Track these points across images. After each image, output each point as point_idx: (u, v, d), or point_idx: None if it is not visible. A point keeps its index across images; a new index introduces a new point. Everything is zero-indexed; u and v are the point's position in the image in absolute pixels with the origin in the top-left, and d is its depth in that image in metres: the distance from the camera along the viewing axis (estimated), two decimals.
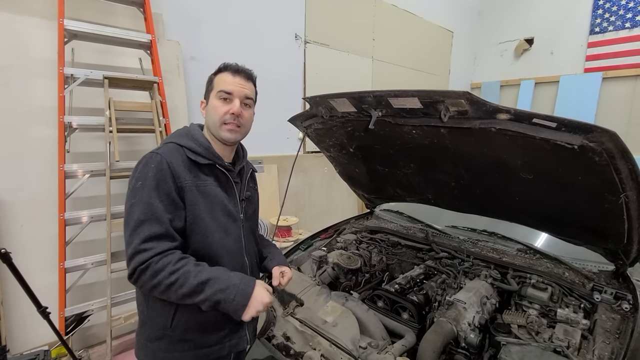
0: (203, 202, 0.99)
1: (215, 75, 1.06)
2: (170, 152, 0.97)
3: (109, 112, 2.07)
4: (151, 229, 0.88)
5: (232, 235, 1.07)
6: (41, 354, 1.71)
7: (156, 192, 0.91)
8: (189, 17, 2.83)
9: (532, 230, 1.71)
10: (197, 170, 1.00)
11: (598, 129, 0.81)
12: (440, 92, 0.94)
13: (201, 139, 1.04)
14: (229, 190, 1.08)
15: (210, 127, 1.06)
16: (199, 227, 0.98)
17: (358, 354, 1.19)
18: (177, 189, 0.94)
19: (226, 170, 1.07)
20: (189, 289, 0.87)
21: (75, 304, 2.12)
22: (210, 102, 1.05)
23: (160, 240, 0.89)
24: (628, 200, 1.06)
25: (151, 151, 0.98)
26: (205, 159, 1.02)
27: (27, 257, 2.11)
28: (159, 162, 0.94)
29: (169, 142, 1.02)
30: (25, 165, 2.15)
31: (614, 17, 4.84)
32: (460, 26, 5.95)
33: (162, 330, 0.99)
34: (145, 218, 0.89)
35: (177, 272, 0.87)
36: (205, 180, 1.01)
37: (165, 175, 0.93)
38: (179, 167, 0.96)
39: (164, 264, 0.87)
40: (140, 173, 0.94)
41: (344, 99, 1.20)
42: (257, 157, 3.49)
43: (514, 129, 0.92)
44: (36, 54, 2.12)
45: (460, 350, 1.28)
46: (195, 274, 0.89)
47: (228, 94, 1.03)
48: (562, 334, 1.19)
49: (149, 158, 0.96)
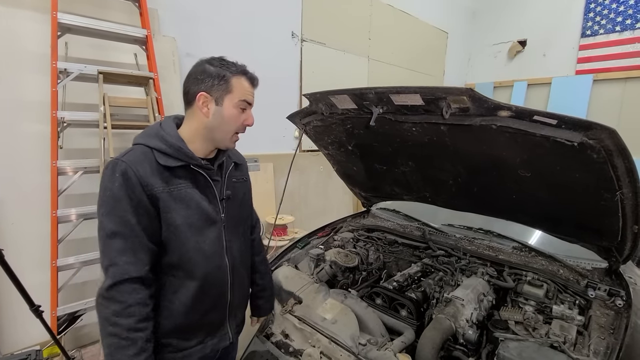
0: (177, 207, 0.94)
1: (232, 75, 0.96)
2: (136, 159, 0.90)
3: (103, 108, 2.04)
4: (126, 243, 0.86)
5: (210, 238, 1.01)
6: (33, 354, 1.68)
7: (126, 203, 0.86)
8: (184, 13, 2.80)
9: (527, 228, 1.73)
10: (168, 174, 0.93)
11: (598, 126, 0.82)
12: (443, 88, 0.94)
13: (171, 139, 0.94)
14: (207, 190, 1.02)
15: (217, 132, 0.98)
16: (174, 234, 0.94)
17: (357, 350, 1.19)
18: (148, 196, 0.89)
19: (203, 169, 1.00)
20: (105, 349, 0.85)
21: (67, 303, 2.07)
22: (225, 107, 0.96)
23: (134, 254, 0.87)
24: (623, 198, 1.08)
25: (116, 157, 0.91)
26: (176, 160, 0.94)
27: (18, 255, 2.06)
28: (124, 172, 0.87)
29: (137, 144, 0.95)
30: (16, 162, 2.10)
31: (605, 21, 4.93)
32: (454, 27, 6.00)
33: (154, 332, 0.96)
34: (117, 230, 0.86)
35: (119, 334, 0.84)
36: (178, 183, 0.95)
37: (132, 185, 0.87)
38: (146, 174, 0.89)
39: (130, 313, 0.85)
40: (108, 182, 0.88)
41: (345, 95, 1.20)
42: (253, 155, 3.48)
43: (515, 126, 0.93)
44: (28, 47, 2.07)
45: (458, 346, 1.29)
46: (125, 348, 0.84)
47: (248, 104, 0.99)
48: (558, 329, 1.20)
49: (114, 165, 0.89)
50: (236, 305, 1.14)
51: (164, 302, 0.97)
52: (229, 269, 1.08)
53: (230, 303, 1.10)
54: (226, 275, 1.07)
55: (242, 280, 1.18)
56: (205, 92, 0.95)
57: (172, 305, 0.97)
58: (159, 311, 0.96)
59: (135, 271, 0.87)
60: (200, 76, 0.95)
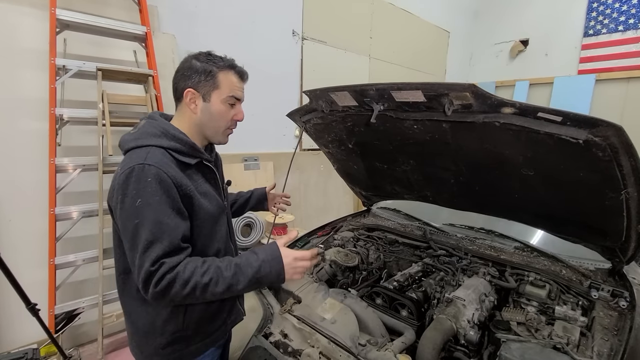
0: (204, 202, 0.96)
1: (218, 70, 0.94)
2: (162, 161, 0.87)
3: (102, 105, 2.02)
4: (163, 248, 0.82)
5: (223, 225, 1.06)
6: (29, 352, 1.66)
7: (164, 209, 0.83)
8: (184, 11, 2.78)
9: (529, 228, 1.71)
10: (189, 172, 0.95)
11: (604, 123, 0.80)
12: (445, 84, 0.92)
13: (183, 137, 0.94)
14: (212, 181, 1.05)
15: (207, 128, 0.98)
16: (205, 228, 0.97)
17: (357, 351, 1.17)
18: (183, 197, 0.88)
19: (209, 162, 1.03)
20: (226, 284, 0.85)
21: (65, 301, 2.06)
22: (213, 103, 0.95)
23: (171, 255, 0.84)
24: (629, 197, 1.06)
25: (138, 162, 0.85)
26: (193, 158, 0.95)
27: (16, 253, 2.05)
28: (156, 175, 0.84)
29: (151, 146, 0.89)
30: (14, 159, 2.08)
31: (607, 20, 4.90)
32: (456, 26, 5.98)
33: (174, 333, 0.97)
34: (155, 238, 0.82)
35: (209, 272, 0.84)
36: (197, 180, 0.97)
37: (168, 188, 0.85)
38: (177, 174, 0.88)
39: (191, 270, 0.83)
40: (136, 190, 0.83)
41: (345, 92, 1.18)
42: (253, 153, 3.47)
43: (519, 123, 0.91)
44: (27, 44, 2.06)
45: (459, 347, 1.27)
46: (226, 267, 0.87)
47: (237, 100, 0.98)
48: (561, 330, 1.18)
49: (140, 171, 0.83)
50: None
51: None
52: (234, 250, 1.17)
53: None
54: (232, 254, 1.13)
55: None
56: (192, 88, 0.94)
57: None
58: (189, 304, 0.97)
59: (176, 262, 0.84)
60: (187, 72, 0.94)
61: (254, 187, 1.55)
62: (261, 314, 1.42)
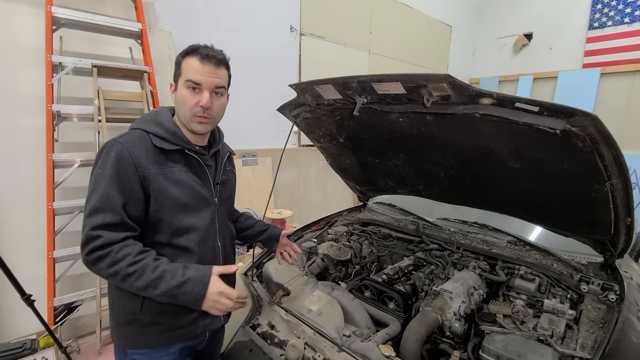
0: (172, 189, 0.96)
1: (182, 57, 0.98)
2: (132, 141, 0.93)
3: (97, 101, 2.05)
4: (105, 218, 0.86)
5: (205, 219, 1.04)
6: (28, 343, 1.71)
7: (114, 182, 0.88)
8: (181, 7, 2.79)
9: (525, 223, 1.70)
10: (164, 158, 0.97)
11: (580, 113, 0.79)
12: (423, 75, 0.92)
13: (167, 124, 0.99)
14: (201, 174, 1.05)
15: (180, 116, 1.01)
16: (166, 214, 0.96)
17: (341, 342, 1.18)
18: (139, 178, 0.92)
19: (197, 154, 1.04)
20: (145, 283, 0.85)
21: (64, 293, 2.11)
22: (178, 90, 0.99)
23: (113, 229, 0.87)
24: (614, 189, 1.05)
25: (113, 138, 0.94)
26: (173, 144, 0.98)
27: (16, 246, 2.10)
28: (119, 151, 0.91)
29: (135, 129, 0.98)
30: (12, 155, 2.13)
31: (613, 12, 4.80)
32: (459, 20, 5.91)
33: (133, 315, 0.98)
34: (101, 206, 0.87)
35: (136, 265, 0.85)
36: (173, 167, 0.98)
37: (125, 165, 0.90)
38: (141, 156, 0.92)
39: (124, 254, 0.85)
40: (101, 161, 0.91)
41: (329, 85, 1.18)
42: (252, 149, 3.48)
43: (497, 113, 0.91)
44: (23, 41, 2.09)
45: (445, 339, 1.27)
46: (153, 268, 0.87)
47: (196, 84, 0.96)
48: (546, 323, 1.18)
49: (110, 146, 0.92)
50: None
51: None
52: (221, 251, 1.12)
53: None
54: (218, 256, 1.11)
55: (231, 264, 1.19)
56: (172, 80, 1.01)
57: None
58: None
59: (114, 239, 0.87)
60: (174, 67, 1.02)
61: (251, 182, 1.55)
62: (250, 305, 1.44)
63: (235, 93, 3.52)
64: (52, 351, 1.88)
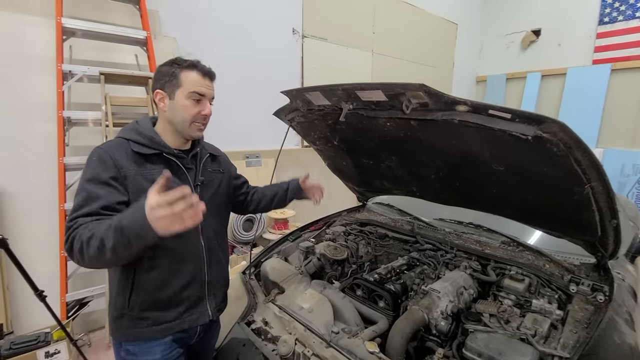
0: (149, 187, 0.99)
1: (180, 70, 1.05)
2: (113, 146, 1.02)
3: (105, 107, 2.15)
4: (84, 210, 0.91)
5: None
6: (42, 335, 1.82)
7: (96, 181, 0.95)
8: (185, 13, 2.88)
9: (522, 225, 1.70)
10: (142, 161, 1.04)
11: (548, 120, 0.82)
12: (401, 84, 0.96)
13: (145, 132, 1.06)
14: (181, 176, 1.11)
15: (176, 123, 1.08)
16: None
17: (330, 338, 1.23)
18: (119, 177, 0.98)
19: (175, 157, 1.09)
20: (99, 239, 0.82)
21: (76, 290, 2.22)
22: (177, 100, 1.05)
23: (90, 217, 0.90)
24: (594, 191, 1.07)
25: (97, 146, 1.03)
26: (150, 148, 1.05)
27: (30, 245, 2.22)
28: (100, 155, 0.99)
29: (116, 137, 1.07)
30: (27, 158, 2.25)
31: (624, 7, 4.68)
32: (464, 18, 5.85)
33: (122, 309, 1.05)
34: (84, 203, 0.93)
35: (92, 229, 0.85)
36: (151, 169, 1.04)
37: (107, 166, 0.97)
38: (121, 158, 1.00)
39: (85, 228, 0.87)
40: (85, 166, 1.00)
41: (318, 92, 1.23)
42: (255, 151, 3.56)
43: (473, 120, 0.94)
44: (36, 51, 2.21)
45: (432, 337, 1.31)
46: (103, 224, 0.84)
47: (201, 95, 1.06)
48: (530, 323, 1.20)
49: (93, 152, 1.01)
50: (214, 284, 1.21)
51: (139, 277, 1.04)
52: (205, 248, 1.16)
53: (208, 282, 1.17)
54: (201, 253, 1.15)
55: (219, 261, 1.24)
56: (160, 89, 1.07)
57: (148, 281, 1.05)
58: (135, 286, 1.04)
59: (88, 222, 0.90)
60: (157, 77, 1.07)
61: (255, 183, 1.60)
62: (246, 302, 1.51)
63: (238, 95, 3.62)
64: (64, 344, 1.99)
